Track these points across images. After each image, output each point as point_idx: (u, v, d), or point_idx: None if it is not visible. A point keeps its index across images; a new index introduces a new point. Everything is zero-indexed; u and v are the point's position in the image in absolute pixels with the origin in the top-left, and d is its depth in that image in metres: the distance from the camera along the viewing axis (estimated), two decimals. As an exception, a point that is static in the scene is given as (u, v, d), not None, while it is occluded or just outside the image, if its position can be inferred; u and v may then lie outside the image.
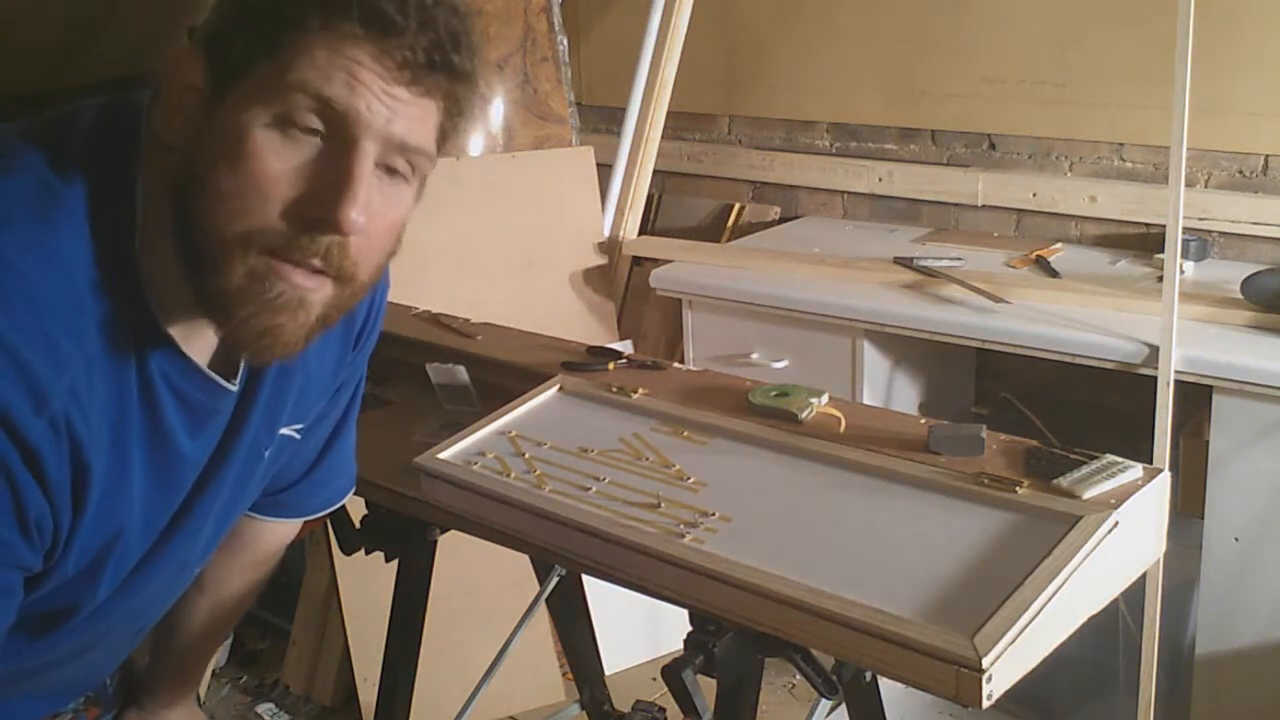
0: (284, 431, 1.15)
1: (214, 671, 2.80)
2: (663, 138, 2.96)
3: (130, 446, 0.96)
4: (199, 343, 0.99)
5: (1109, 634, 2.30)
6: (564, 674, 2.72)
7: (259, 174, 0.88)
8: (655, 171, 2.99)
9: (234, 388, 1.04)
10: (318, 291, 0.93)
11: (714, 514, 1.21)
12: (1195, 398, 2.09)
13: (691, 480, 1.29)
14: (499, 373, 1.66)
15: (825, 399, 1.41)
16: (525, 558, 1.70)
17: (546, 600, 1.87)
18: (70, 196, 0.90)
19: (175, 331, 0.96)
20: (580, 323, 2.84)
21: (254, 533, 1.33)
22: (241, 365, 1.05)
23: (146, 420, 0.97)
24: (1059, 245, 2.61)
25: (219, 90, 0.89)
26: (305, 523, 1.70)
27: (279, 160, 0.88)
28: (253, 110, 0.88)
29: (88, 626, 1.06)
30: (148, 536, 1.04)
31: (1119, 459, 1.23)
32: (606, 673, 1.99)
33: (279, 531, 1.36)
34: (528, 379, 1.57)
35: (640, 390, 1.49)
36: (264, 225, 0.89)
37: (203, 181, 0.89)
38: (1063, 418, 2.50)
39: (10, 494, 0.87)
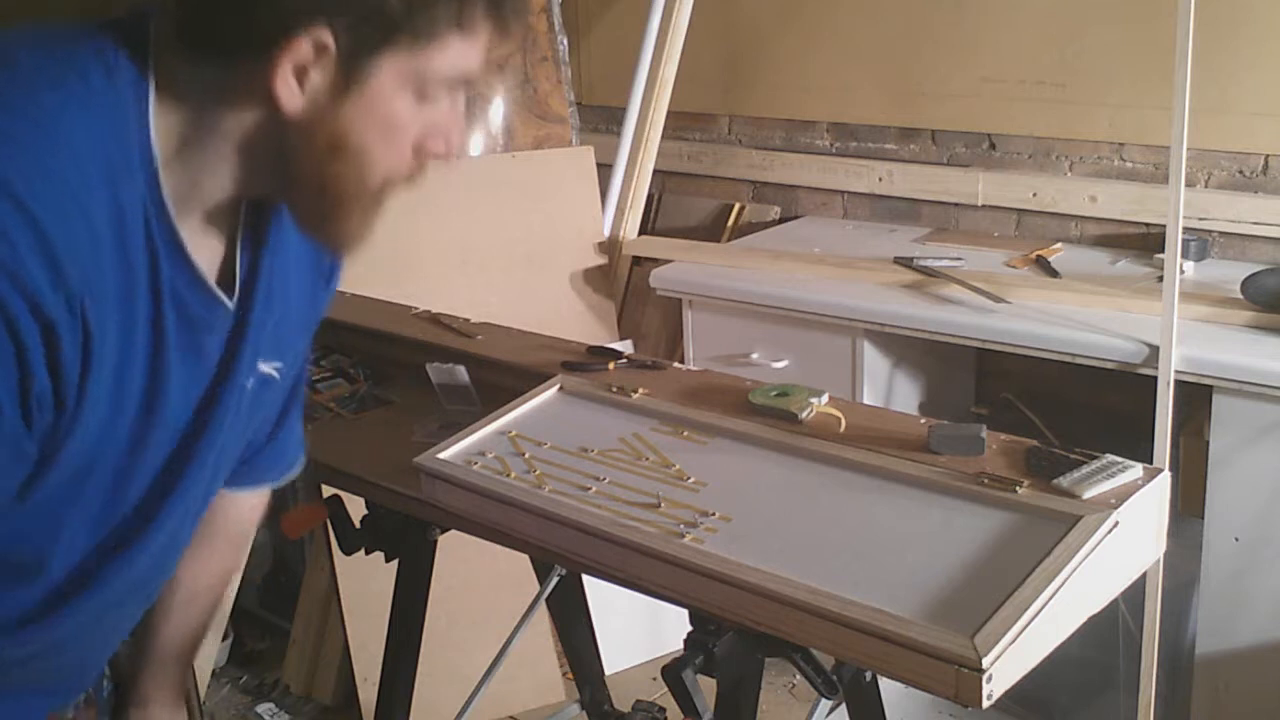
0: (264, 368, 1.14)
1: (214, 671, 2.80)
2: (663, 138, 2.96)
3: (134, 348, 0.96)
4: (204, 252, 1.00)
5: (1109, 634, 2.30)
6: (564, 674, 2.72)
7: (403, 138, 0.98)
8: (655, 171, 2.99)
9: (230, 304, 1.04)
10: None
11: (714, 514, 1.21)
12: (1195, 398, 2.09)
13: (691, 480, 1.29)
14: (499, 373, 1.66)
15: (825, 399, 1.41)
16: (525, 558, 1.70)
17: (546, 600, 1.87)
18: (85, 88, 0.91)
19: (184, 235, 0.97)
20: (580, 323, 2.84)
21: (223, 511, 1.31)
22: (236, 286, 1.04)
23: (151, 326, 0.97)
24: (1059, 245, 2.61)
25: (355, 64, 0.94)
26: (304, 520, 1.70)
27: (416, 120, 0.98)
28: (402, 88, 0.96)
29: (91, 593, 1.05)
30: (136, 460, 1.02)
31: (1119, 459, 1.24)
32: (606, 673, 1.99)
33: (246, 507, 1.34)
34: (528, 379, 1.57)
35: (640, 390, 1.49)
36: (398, 168, 1.00)
37: (339, 139, 0.95)
38: (1063, 418, 2.50)
39: (17, 368, 0.87)
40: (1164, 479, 1.22)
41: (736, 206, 3.14)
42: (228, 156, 0.97)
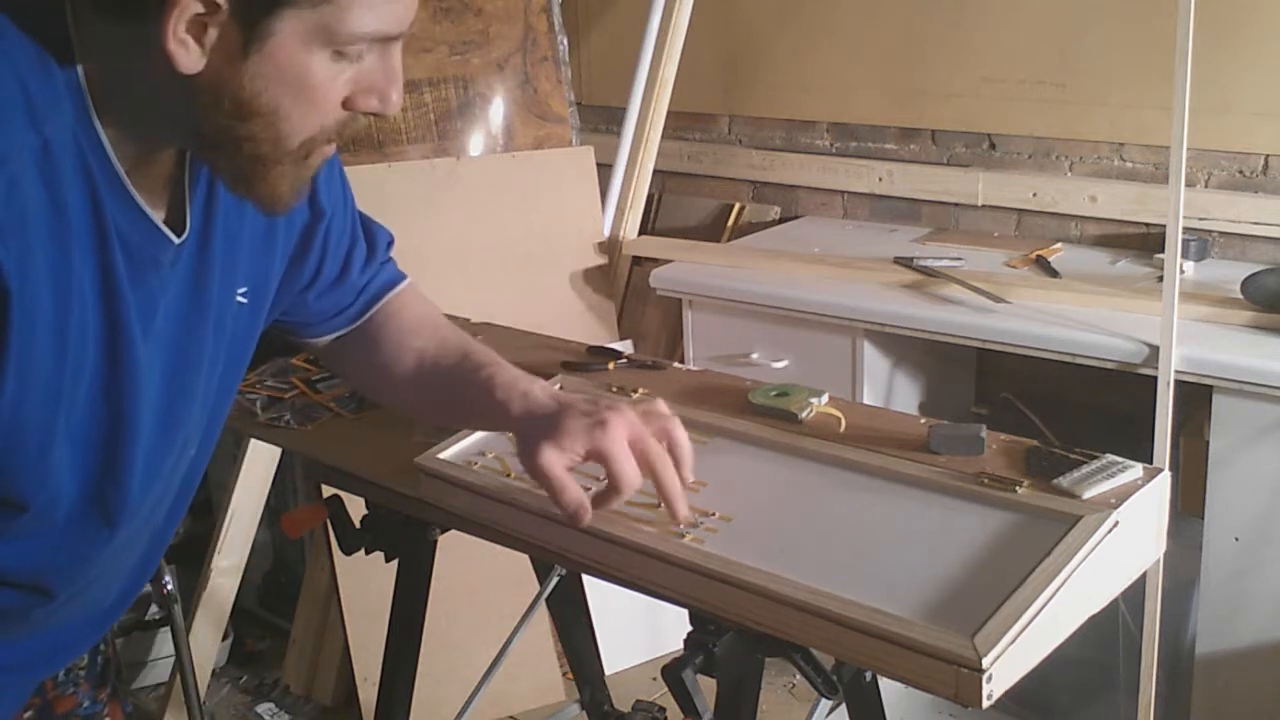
0: (237, 298, 1.13)
1: (214, 671, 2.81)
2: (663, 138, 2.96)
3: (74, 288, 0.93)
4: (150, 189, 0.98)
5: (1109, 634, 2.30)
6: (564, 674, 2.72)
7: (323, 97, 0.95)
8: (655, 171, 2.99)
9: (177, 240, 1.02)
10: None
11: (714, 514, 1.21)
12: (1195, 398, 2.09)
13: (691, 480, 1.29)
14: (499, 373, 1.66)
15: (825, 399, 1.41)
16: (525, 558, 1.70)
17: (546, 600, 1.87)
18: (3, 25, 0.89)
19: (125, 174, 0.96)
20: (580, 323, 2.84)
21: (383, 321, 1.35)
22: (188, 221, 1.03)
23: (99, 268, 0.94)
24: (1059, 245, 2.61)
25: (251, 21, 0.91)
26: (304, 520, 1.70)
27: (337, 80, 0.95)
28: (310, 47, 0.93)
29: (99, 529, 1.04)
30: (111, 408, 1.00)
31: (1119, 459, 1.23)
32: (606, 673, 1.99)
33: (399, 306, 1.37)
34: (528, 379, 1.57)
35: (640, 390, 1.49)
36: (322, 129, 0.97)
37: (247, 100, 0.93)
38: (1063, 418, 2.50)
39: None
40: (1164, 479, 1.22)
41: (736, 206, 3.14)
42: (148, 112, 0.95)
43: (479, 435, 1.42)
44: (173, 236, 1.01)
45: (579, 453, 1.15)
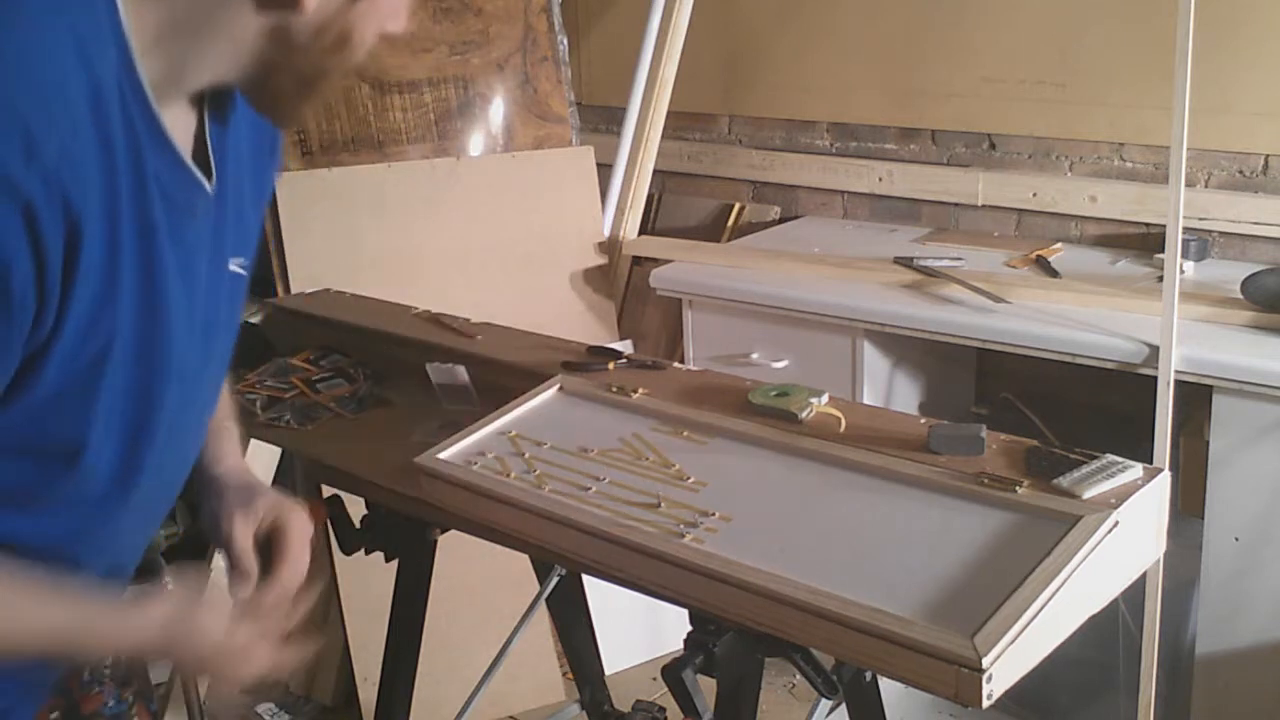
0: (232, 267, 1.13)
1: (214, 671, 2.80)
2: (663, 138, 2.96)
3: (121, 232, 0.93)
4: (180, 135, 0.99)
5: (1109, 634, 2.30)
6: (564, 674, 2.72)
7: (393, 25, 1.01)
8: (655, 171, 2.99)
9: (210, 186, 1.02)
10: None
11: (714, 514, 1.21)
12: (1195, 398, 2.09)
13: (691, 480, 1.29)
14: (499, 373, 1.66)
15: (825, 399, 1.41)
16: (525, 558, 1.70)
17: (546, 600, 1.87)
18: None
19: (164, 119, 0.96)
20: (580, 323, 2.84)
21: None
22: (212, 169, 1.03)
23: (138, 213, 0.95)
24: (1059, 245, 2.61)
25: None
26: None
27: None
28: None
29: (127, 481, 1.04)
30: (146, 363, 1.00)
31: (1119, 459, 1.24)
32: (606, 673, 1.99)
33: None
34: (528, 379, 1.57)
35: (640, 390, 1.49)
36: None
37: (347, 34, 0.98)
38: (1063, 418, 2.50)
39: None
40: (1164, 479, 1.22)
41: (736, 206, 3.14)
42: (216, 49, 0.95)
43: (478, 435, 1.42)
44: (206, 183, 1.02)
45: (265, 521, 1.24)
